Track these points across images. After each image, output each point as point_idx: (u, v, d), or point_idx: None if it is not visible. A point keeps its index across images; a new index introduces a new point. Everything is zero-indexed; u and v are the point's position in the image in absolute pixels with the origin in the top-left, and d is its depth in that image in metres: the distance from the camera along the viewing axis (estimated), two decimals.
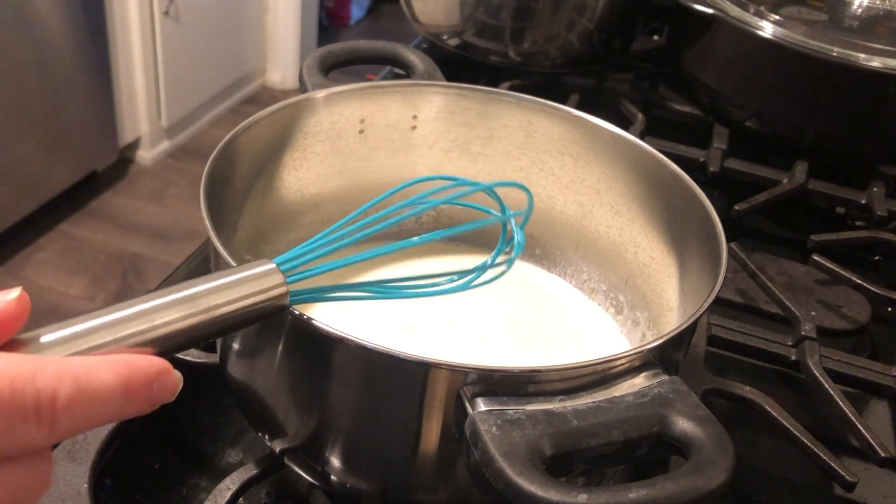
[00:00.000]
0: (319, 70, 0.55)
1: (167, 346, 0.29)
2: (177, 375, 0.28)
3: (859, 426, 0.49)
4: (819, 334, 0.56)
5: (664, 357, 0.36)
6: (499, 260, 0.40)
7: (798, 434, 0.48)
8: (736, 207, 0.71)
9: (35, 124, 1.90)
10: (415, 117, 0.53)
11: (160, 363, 0.27)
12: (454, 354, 0.44)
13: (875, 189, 0.74)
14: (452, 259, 0.55)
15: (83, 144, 2.08)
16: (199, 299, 0.30)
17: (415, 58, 0.59)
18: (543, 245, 0.56)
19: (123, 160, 2.31)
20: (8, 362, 0.24)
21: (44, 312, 1.82)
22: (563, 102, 0.52)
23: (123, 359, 0.26)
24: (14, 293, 0.26)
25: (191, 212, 2.20)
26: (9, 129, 1.83)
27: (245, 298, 0.31)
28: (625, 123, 0.76)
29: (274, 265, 0.33)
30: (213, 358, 0.46)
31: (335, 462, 0.39)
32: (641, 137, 0.55)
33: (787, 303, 0.58)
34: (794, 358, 0.55)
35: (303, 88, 0.53)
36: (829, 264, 0.64)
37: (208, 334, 0.30)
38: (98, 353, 0.27)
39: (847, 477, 0.46)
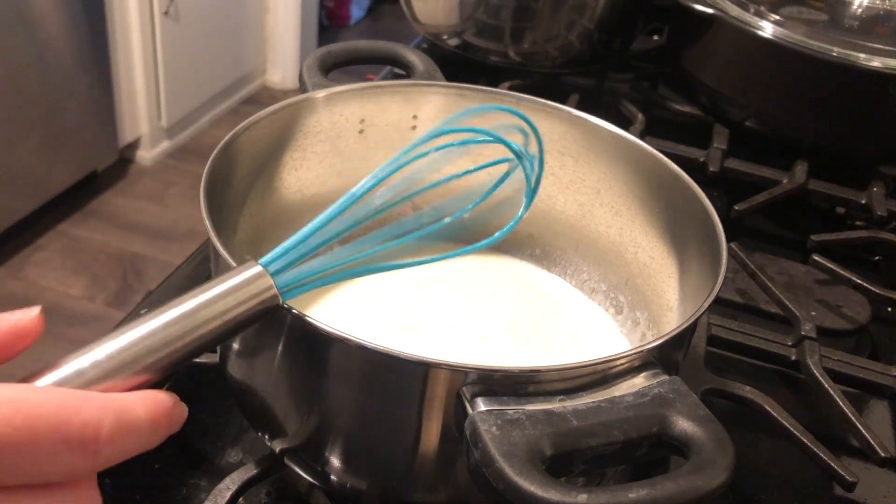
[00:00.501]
0: (319, 70, 0.56)
1: (164, 369, 0.30)
2: (184, 407, 0.31)
3: (859, 426, 0.49)
4: (819, 334, 0.56)
5: (664, 357, 0.36)
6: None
7: (798, 434, 0.48)
8: (736, 207, 0.71)
9: (35, 124, 1.90)
10: (415, 117, 0.53)
11: (174, 397, 0.30)
12: (454, 354, 0.44)
13: (875, 189, 0.74)
14: (456, 259, 0.55)
15: (83, 144, 2.08)
16: (186, 320, 0.30)
17: (415, 58, 0.59)
18: (543, 245, 0.56)
19: (123, 160, 2.31)
20: (55, 395, 0.26)
21: (44, 312, 1.82)
22: (563, 102, 0.52)
23: (151, 395, 0.29)
24: (34, 311, 0.29)
25: (191, 212, 2.20)
26: (9, 129, 1.83)
27: (234, 308, 0.31)
28: (625, 123, 0.76)
29: (261, 268, 0.33)
30: (213, 358, 0.46)
31: (335, 462, 0.39)
32: (641, 137, 0.55)
33: (787, 303, 0.58)
34: (794, 358, 0.55)
35: (303, 88, 0.53)
36: (829, 264, 0.64)
37: (201, 350, 0.31)
38: (105, 383, 0.28)
39: (847, 477, 0.46)
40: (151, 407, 0.29)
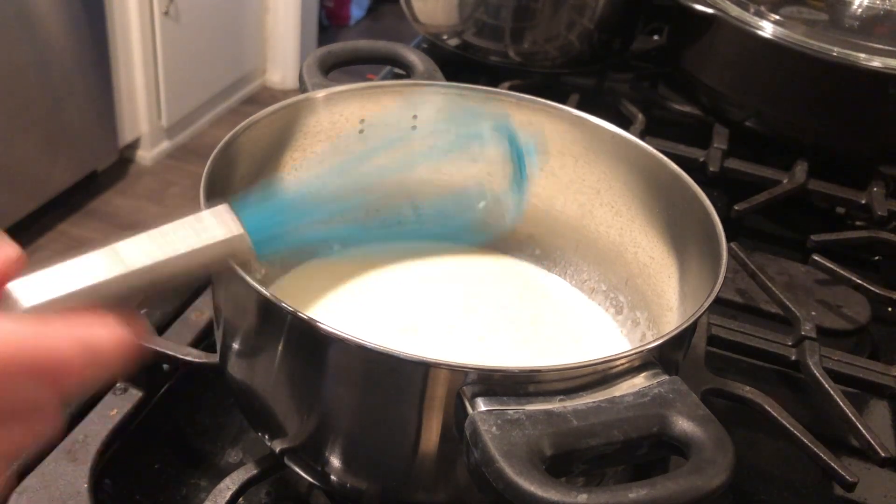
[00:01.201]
0: (319, 70, 0.55)
1: (134, 291, 0.31)
2: (145, 321, 0.34)
3: (859, 426, 0.49)
4: (819, 334, 0.56)
5: (664, 357, 0.36)
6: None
7: (798, 434, 0.48)
8: (736, 207, 0.71)
9: (35, 124, 1.90)
10: (415, 117, 0.53)
11: (135, 314, 0.32)
12: (454, 354, 0.44)
13: (875, 189, 0.74)
14: (456, 259, 0.55)
15: (83, 144, 2.08)
16: (152, 247, 0.33)
17: (415, 58, 0.59)
18: (543, 245, 0.56)
19: (123, 160, 2.31)
20: (28, 331, 0.27)
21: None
22: (563, 102, 0.52)
23: (116, 324, 0.30)
24: (13, 246, 0.30)
25: (191, 212, 2.18)
26: (9, 129, 1.83)
27: (202, 241, 0.32)
28: (625, 123, 0.76)
29: (227, 206, 0.33)
30: (213, 358, 0.46)
31: (335, 462, 0.39)
32: (641, 137, 0.55)
33: (787, 303, 0.58)
34: (794, 358, 0.55)
35: (303, 88, 0.53)
36: (829, 264, 0.64)
37: (170, 280, 0.32)
38: (79, 302, 0.30)
39: (847, 477, 0.46)
40: (117, 337, 0.29)
